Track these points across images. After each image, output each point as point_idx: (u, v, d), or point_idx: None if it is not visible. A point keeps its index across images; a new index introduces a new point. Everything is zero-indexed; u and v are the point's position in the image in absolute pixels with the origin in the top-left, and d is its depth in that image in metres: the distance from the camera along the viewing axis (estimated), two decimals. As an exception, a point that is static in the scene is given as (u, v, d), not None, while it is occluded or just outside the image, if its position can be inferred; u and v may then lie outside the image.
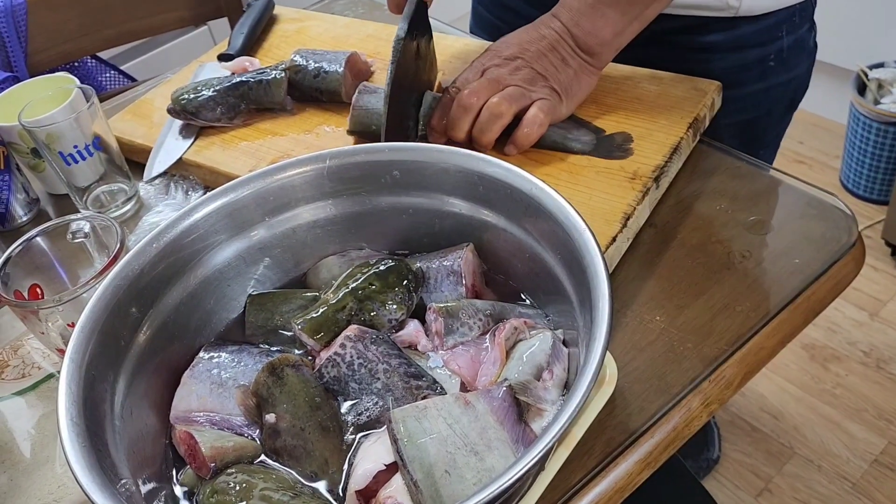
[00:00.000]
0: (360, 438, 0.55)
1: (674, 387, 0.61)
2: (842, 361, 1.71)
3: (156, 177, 0.90)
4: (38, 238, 0.69)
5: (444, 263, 0.62)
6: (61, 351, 0.67)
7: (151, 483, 0.52)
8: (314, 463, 0.53)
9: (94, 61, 1.51)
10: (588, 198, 0.72)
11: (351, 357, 0.56)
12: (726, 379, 0.62)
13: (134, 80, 1.53)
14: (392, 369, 0.56)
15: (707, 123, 0.81)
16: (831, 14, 2.12)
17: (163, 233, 0.59)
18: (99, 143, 0.85)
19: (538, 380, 0.53)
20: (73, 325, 0.53)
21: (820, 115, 2.34)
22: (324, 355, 0.57)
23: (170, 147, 0.91)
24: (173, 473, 0.55)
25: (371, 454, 0.51)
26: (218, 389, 0.58)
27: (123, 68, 1.60)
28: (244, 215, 0.63)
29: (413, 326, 0.60)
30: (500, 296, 0.63)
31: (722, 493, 1.53)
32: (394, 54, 0.74)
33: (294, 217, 0.65)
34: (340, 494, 0.52)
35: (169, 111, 0.91)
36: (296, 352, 0.60)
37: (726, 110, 0.84)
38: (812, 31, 0.95)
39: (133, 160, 0.93)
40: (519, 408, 0.52)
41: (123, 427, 0.53)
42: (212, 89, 0.90)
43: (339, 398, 0.57)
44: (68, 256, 0.71)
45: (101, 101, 0.91)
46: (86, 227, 0.70)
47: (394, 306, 0.59)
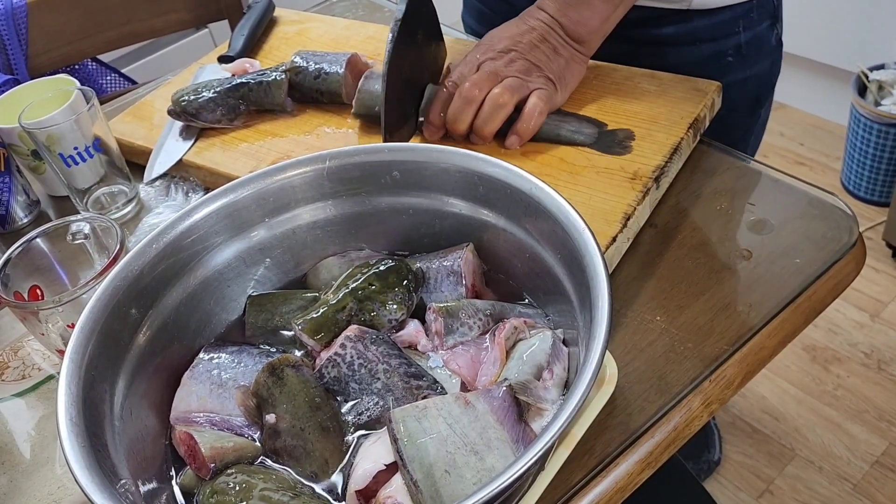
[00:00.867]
0: (360, 438, 0.55)
1: (674, 386, 0.61)
2: (843, 363, 1.71)
3: (156, 178, 0.90)
4: (38, 239, 0.69)
5: (444, 263, 0.62)
6: (61, 352, 0.67)
7: (151, 483, 0.52)
8: (314, 463, 0.53)
9: (95, 64, 1.51)
10: (588, 198, 0.72)
11: (351, 357, 0.56)
12: (727, 379, 0.62)
13: (134, 83, 1.53)
14: (392, 369, 0.56)
15: (707, 124, 0.81)
16: (831, 16, 2.13)
17: (162, 234, 0.59)
18: (99, 145, 0.85)
19: (538, 379, 0.53)
20: (73, 326, 0.53)
21: (820, 117, 2.34)
22: (324, 355, 0.57)
23: (170, 149, 0.91)
24: (173, 474, 0.55)
25: (371, 454, 0.51)
26: (218, 390, 0.58)
27: (124, 71, 1.60)
28: (244, 216, 0.63)
29: (413, 326, 0.60)
30: (500, 296, 0.63)
31: (723, 495, 1.52)
32: (391, 34, 0.75)
33: (294, 218, 0.65)
34: (340, 494, 0.52)
35: (169, 113, 0.92)
36: (296, 352, 0.60)
37: None
38: (774, 29, 0.95)
39: (133, 162, 0.93)
40: (519, 407, 0.52)
41: (123, 428, 0.52)
42: (212, 91, 0.90)
43: (340, 398, 0.57)
44: (68, 258, 0.71)
45: (102, 104, 0.92)
46: (86, 229, 0.70)
47: (394, 306, 0.59)
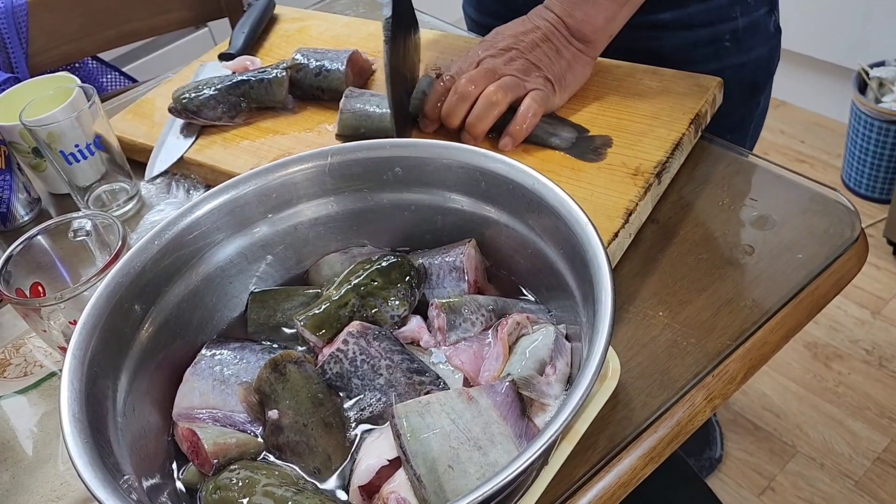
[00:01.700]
0: (363, 434, 0.55)
1: (677, 382, 0.61)
2: (844, 360, 1.71)
3: (157, 176, 0.90)
4: (40, 237, 0.69)
5: (447, 259, 0.62)
6: (63, 349, 0.67)
7: (154, 479, 0.52)
8: (317, 459, 0.53)
9: (96, 63, 1.51)
10: (590, 194, 0.72)
11: (353, 353, 0.56)
12: (730, 374, 0.62)
13: (135, 82, 1.53)
14: (395, 365, 0.56)
15: (708, 119, 0.81)
16: (832, 13, 2.13)
17: (165, 230, 0.59)
18: (100, 143, 0.85)
19: (541, 375, 0.53)
20: (75, 323, 0.53)
21: (821, 114, 2.34)
22: (326, 352, 0.57)
23: (171, 146, 0.91)
24: (176, 470, 0.55)
25: (374, 450, 0.51)
26: (220, 386, 0.58)
27: (125, 70, 1.60)
28: (246, 212, 0.63)
29: (415, 322, 0.60)
30: (503, 291, 0.63)
31: (725, 492, 1.52)
32: (385, 35, 0.75)
33: (296, 214, 0.65)
34: (344, 490, 0.52)
35: (170, 110, 0.91)
36: (298, 348, 0.60)
37: None
38: (772, 15, 0.95)
39: (134, 159, 0.93)
40: (522, 403, 0.52)
41: (126, 424, 0.52)
42: (213, 88, 0.90)
43: (342, 394, 0.56)
44: (70, 255, 0.71)
45: (102, 102, 0.91)
46: (87, 226, 0.70)
47: (396, 302, 0.59)
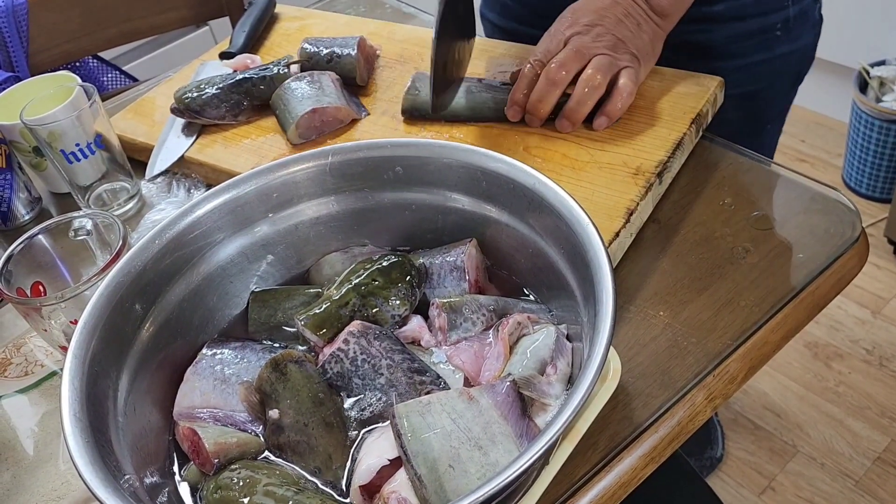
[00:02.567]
0: (364, 434, 0.55)
1: (678, 381, 0.61)
2: (844, 359, 1.71)
3: (158, 175, 0.90)
4: (40, 236, 0.69)
5: (448, 259, 0.62)
6: (64, 348, 0.67)
7: (155, 479, 0.52)
8: (318, 458, 0.53)
9: (96, 61, 1.51)
10: (591, 193, 0.72)
11: (354, 353, 0.56)
12: (730, 374, 0.62)
13: (135, 81, 1.53)
14: (395, 365, 0.56)
15: (710, 119, 0.81)
16: (833, 11, 2.12)
17: (166, 229, 0.59)
18: (101, 142, 0.85)
19: (542, 374, 0.53)
20: (76, 323, 0.53)
21: (822, 114, 2.34)
22: (327, 351, 0.57)
23: (171, 145, 0.91)
24: (176, 469, 0.55)
25: (375, 449, 0.51)
26: (221, 386, 0.58)
27: (125, 69, 1.60)
28: (247, 212, 0.63)
29: (416, 322, 0.60)
30: (504, 291, 0.63)
31: (725, 492, 1.52)
32: (435, 29, 0.73)
33: (297, 213, 0.65)
34: (344, 490, 0.52)
35: (172, 110, 0.91)
36: (299, 348, 0.60)
37: (730, 82, 0.83)
38: (817, 3, 0.95)
39: (135, 158, 0.93)
40: (523, 402, 0.52)
41: (127, 423, 0.53)
42: (215, 87, 0.90)
43: (343, 394, 0.56)
44: (70, 254, 0.71)
45: (103, 101, 0.91)
46: (88, 225, 0.70)
47: (397, 302, 0.59)
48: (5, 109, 0.89)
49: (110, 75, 1.54)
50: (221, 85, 0.90)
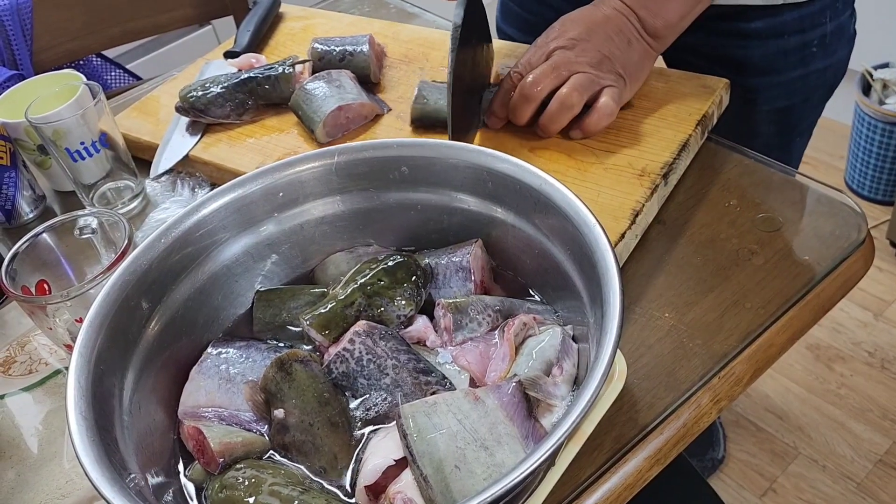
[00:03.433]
0: (369, 434, 0.55)
1: (683, 383, 0.61)
2: (846, 362, 1.71)
3: (162, 174, 0.90)
4: (45, 234, 0.69)
5: (453, 259, 0.62)
6: (69, 346, 0.67)
7: (160, 477, 0.52)
8: (323, 458, 0.53)
9: (100, 60, 1.51)
10: (596, 194, 0.72)
11: (360, 353, 0.56)
12: (736, 376, 0.62)
13: (139, 79, 1.53)
14: (401, 365, 0.56)
15: (715, 121, 0.81)
16: (836, 14, 2.12)
17: (172, 228, 0.59)
18: (105, 140, 0.85)
19: (548, 375, 0.53)
20: (81, 321, 0.53)
21: (824, 116, 2.29)
22: (332, 351, 0.57)
23: (176, 144, 0.91)
24: (181, 468, 0.55)
25: (380, 449, 0.51)
26: (226, 385, 0.58)
27: (129, 67, 1.60)
28: (252, 211, 0.63)
29: (422, 322, 0.60)
30: (509, 292, 0.63)
31: (727, 494, 1.52)
32: (452, 43, 0.72)
33: (302, 213, 0.65)
34: (349, 490, 0.52)
35: (177, 109, 0.91)
36: (304, 347, 0.60)
37: (765, 97, 0.82)
38: (853, 18, 0.94)
39: (139, 157, 0.93)
40: (528, 403, 0.51)
41: (132, 422, 0.52)
42: (220, 86, 0.90)
43: (348, 394, 0.56)
44: (75, 253, 0.71)
45: (108, 99, 0.91)
46: (93, 223, 0.70)
47: (402, 302, 0.59)
48: (10, 107, 0.89)
49: (114, 73, 1.54)
50: (226, 84, 0.90)
